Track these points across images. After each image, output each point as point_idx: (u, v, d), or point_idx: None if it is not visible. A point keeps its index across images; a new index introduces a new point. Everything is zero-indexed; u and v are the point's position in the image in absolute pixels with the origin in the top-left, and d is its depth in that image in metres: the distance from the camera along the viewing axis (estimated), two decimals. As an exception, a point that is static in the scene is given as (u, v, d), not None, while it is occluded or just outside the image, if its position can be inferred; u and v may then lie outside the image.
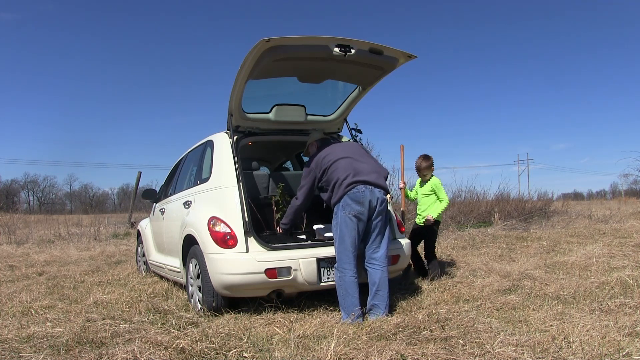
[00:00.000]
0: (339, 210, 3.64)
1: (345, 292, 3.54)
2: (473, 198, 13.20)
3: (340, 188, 3.64)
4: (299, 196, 3.96)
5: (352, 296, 3.54)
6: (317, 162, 3.89)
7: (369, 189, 3.64)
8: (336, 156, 3.82)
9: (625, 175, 24.67)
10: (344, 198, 3.62)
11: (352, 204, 3.59)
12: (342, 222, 3.60)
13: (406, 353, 2.67)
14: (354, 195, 3.61)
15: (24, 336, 3.23)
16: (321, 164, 3.85)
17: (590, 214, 13.65)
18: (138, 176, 15.35)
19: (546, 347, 2.73)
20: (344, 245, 3.58)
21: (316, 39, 3.69)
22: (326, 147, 4.02)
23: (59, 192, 71.37)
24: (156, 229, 5.78)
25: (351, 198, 3.61)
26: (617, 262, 5.36)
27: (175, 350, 2.84)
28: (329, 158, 3.83)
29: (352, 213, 3.58)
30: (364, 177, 3.67)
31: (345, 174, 3.68)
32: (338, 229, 3.62)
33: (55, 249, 9.70)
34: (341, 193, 3.63)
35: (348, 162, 3.78)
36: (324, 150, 3.97)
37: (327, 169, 3.80)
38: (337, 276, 3.61)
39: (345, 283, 3.55)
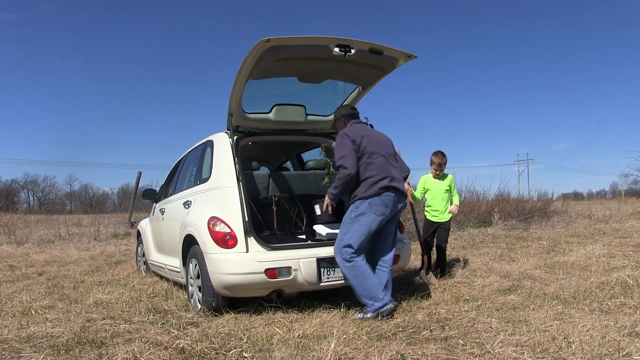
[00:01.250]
0: (364, 205, 3.66)
1: (363, 276, 3.56)
2: (473, 198, 13.21)
3: (374, 187, 3.66)
4: (347, 165, 3.69)
5: (371, 278, 3.58)
6: (354, 138, 3.77)
7: (397, 196, 3.76)
8: (373, 149, 3.79)
9: (625, 175, 24.64)
10: (375, 198, 3.66)
11: (381, 206, 3.66)
12: (365, 216, 3.64)
13: (406, 353, 2.67)
14: (385, 198, 3.68)
15: (24, 336, 3.23)
16: (360, 145, 3.76)
17: (590, 214, 13.65)
18: (138, 176, 15.37)
19: (546, 347, 2.73)
20: (360, 233, 3.61)
21: (316, 39, 3.69)
22: (359, 125, 3.97)
23: (59, 192, 71.47)
24: (156, 229, 5.78)
25: (382, 201, 3.67)
26: (617, 262, 5.36)
27: (175, 350, 2.84)
28: (367, 147, 3.77)
29: (377, 213, 3.64)
30: (396, 184, 3.76)
31: (381, 175, 3.70)
32: (358, 219, 3.64)
33: (55, 249, 9.70)
34: (373, 192, 3.66)
35: (384, 163, 3.78)
36: (359, 128, 3.90)
37: (362, 155, 3.77)
38: (348, 265, 3.58)
39: (359, 268, 3.57)
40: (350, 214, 3.70)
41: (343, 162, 3.72)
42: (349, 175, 3.69)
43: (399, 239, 4.28)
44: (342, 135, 3.81)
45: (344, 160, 3.71)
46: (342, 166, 3.71)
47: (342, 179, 3.71)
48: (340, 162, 3.73)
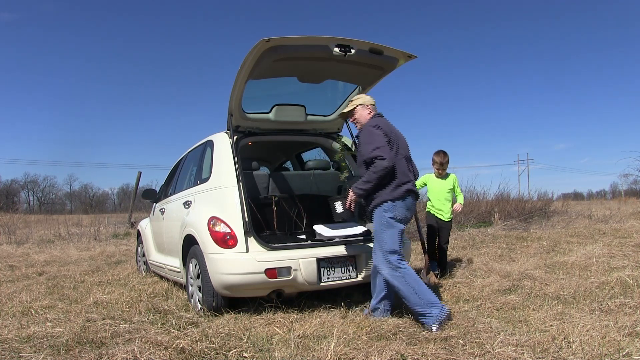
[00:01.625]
0: (391, 207, 3.46)
1: (415, 282, 3.34)
2: (473, 198, 13.21)
3: (399, 190, 3.47)
4: (385, 156, 3.39)
5: (422, 283, 3.38)
6: (386, 131, 3.54)
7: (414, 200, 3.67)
8: (399, 148, 3.60)
9: (625, 175, 24.65)
10: (399, 202, 3.48)
11: (404, 210, 3.52)
12: (394, 219, 3.47)
13: (406, 353, 2.67)
14: (408, 203, 3.55)
15: (24, 336, 3.23)
16: (390, 141, 3.54)
17: (590, 214, 13.64)
18: (138, 176, 15.37)
19: (546, 347, 2.74)
20: (397, 237, 3.44)
21: (316, 39, 3.69)
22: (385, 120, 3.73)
23: (59, 192, 71.47)
24: (156, 229, 5.78)
25: (405, 205, 3.53)
26: (617, 262, 5.36)
27: (175, 350, 2.84)
28: (395, 145, 3.57)
29: (401, 216, 3.50)
30: (415, 189, 3.67)
31: (406, 179, 3.55)
32: (390, 223, 3.45)
33: (55, 249, 9.70)
34: (397, 195, 3.46)
35: (406, 165, 3.63)
36: (386, 123, 3.66)
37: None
38: (398, 274, 3.36)
39: (410, 274, 3.38)
40: (380, 219, 3.48)
41: (380, 152, 3.40)
42: (387, 168, 3.40)
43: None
44: (374, 126, 3.54)
45: (381, 151, 3.41)
46: (379, 157, 3.39)
47: (378, 172, 3.39)
48: (377, 152, 3.40)
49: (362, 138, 3.58)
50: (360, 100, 3.78)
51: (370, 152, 3.44)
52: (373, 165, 3.41)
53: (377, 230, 3.49)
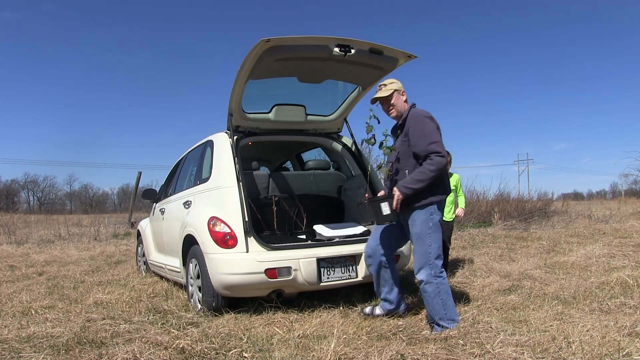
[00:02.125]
0: (434, 210, 3.24)
1: (447, 294, 3.21)
2: (473, 198, 13.22)
3: (445, 191, 3.31)
4: (444, 152, 3.13)
5: (452, 299, 3.26)
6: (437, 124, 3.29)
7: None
8: None
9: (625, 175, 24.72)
10: (441, 204, 3.32)
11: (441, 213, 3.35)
12: (438, 224, 3.26)
13: (406, 353, 2.67)
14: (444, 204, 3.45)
15: (24, 336, 3.23)
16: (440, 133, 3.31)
17: (590, 214, 13.65)
18: (138, 176, 15.38)
19: (546, 347, 2.73)
20: (440, 242, 3.27)
21: (316, 39, 3.69)
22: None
23: (59, 192, 71.45)
24: (156, 229, 5.78)
25: (443, 206, 3.40)
26: (617, 262, 5.36)
27: (175, 350, 2.84)
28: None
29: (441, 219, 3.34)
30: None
31: (448, 178, 3.41)
32: (437, 226, 3.25)
33: (55, 249, 9.70)
34: (443, 197, 3.29)
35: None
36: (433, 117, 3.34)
37: None
38: (436, 282, 3.20)
39: (446, 285, 3.24)
40: (427, 222, 3.22)
41: (439, 148, 3.10)
42: (445, 166, 3.14)
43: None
44: (429, 117, 3.26)
45: (439, 146, 3.11)
46: (438, 153, 3.08)
47: (435, 170, 3.08)
48: (435, 147, 3.09)
49: (414, 127, 3.23)
50: (395, 85, 3.43)
51: (426, 145, 3.11)
52: (429, 162, 3.09)
53: (421, 233, 3.23)
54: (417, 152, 3.18)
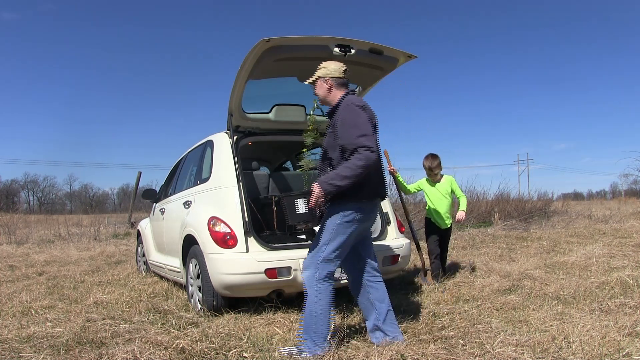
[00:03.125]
0: (355, 209, 2.84)
1: (323, 311, 2.78)
2: (473, 198, 13.21)
3: (372, 191, 2.93)
4: (373, 147, 2.73)
5: (329, 317, 2.83)
6: (371, 115, 2.92)
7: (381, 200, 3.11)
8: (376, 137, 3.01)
9: (625, 175, 24.71)
10: (367, 203, 2.91)
11: (370, 213, 2.97)
12: (355, 224, 2.86)
13: (406, 353, 2.67)
14: (373, 207, 3.01)
15: (24, 336, 3.23)
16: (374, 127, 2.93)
17: (590, 214, 13.66)
18: (138, 176, 15.38)
19: (546, 347, 2.73)
20: (345, 247, 2.88)
21: (316, 39, 3.69)
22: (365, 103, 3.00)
23: (59, 192, 71.44)
24: (156, 229, 5.78)
25: (372, 206, 2.99)
26: (617, 262, 5.36)
27: (175, 350, 2.84)
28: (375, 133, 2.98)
29: (364, 220, 2.94)
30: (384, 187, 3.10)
31: (380, 177, 3.03)
32: (346, 227, 2.84)
33: (55, 249, 9.70)
34: (365, 196, 2.87)
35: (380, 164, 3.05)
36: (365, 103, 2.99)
37: None
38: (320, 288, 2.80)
39: (328, 296, 2.80)
40: (335, 219, 2.84)
41: (368, 142, 2.72)
42: (375, 162, 2.75)
43: (399, 239, 4.29)
44: (361, 106, 2.88)
45: (369, 140, 2.73)
46: (367, 148, 2.70)
47: (364, 166, 2.69)
48: (364, 141, 2.71)
49: (344, 117, 2.84)
50: (320, 71, 3.06)
51: (355, 137, 2.73)
52: (357, 157, 2.70)
53: (325, 227, 2.87)
54: (344, 145, 2.77)
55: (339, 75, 3.03)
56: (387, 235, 4.26)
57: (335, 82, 3.02)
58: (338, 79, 3.02)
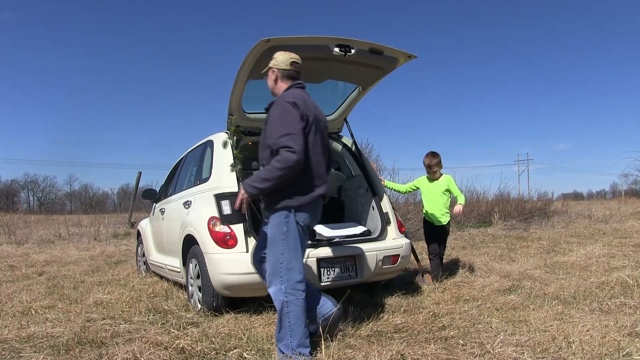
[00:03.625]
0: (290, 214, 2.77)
1: (297, 318, 2.70)
2: (473, 198, 13.21)
3: (308, 195, 2.80)
4: (295, 147, 2.62)
5: (305, 325, 2.74)
6: (304, 112, 2.77)
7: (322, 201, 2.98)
8: (319, 137, 2.87)
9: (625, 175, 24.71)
10: (306, 209, 2.81)
11: (310, 219, 2.88)
12: (298, 229, 2.79)
13: (406, 353, 2.67)
14: (316, 209, 2.91)
15: (24, 336, 3.23)
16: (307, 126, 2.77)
17: (590, 214, 13.64)
18: (138, 176, 15.37)
19: (546, 347, 2.74)
20: (300, 252, 2.80)
21: (316, 39, 3.69)
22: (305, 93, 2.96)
23: (59, 192, 71.43)
24: (156, 229, 5.78)
25: (313, 211, 2.87)
26: (617, 262, 5.36)
27: (175, 350, 2.84)
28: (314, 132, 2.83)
29: (306, 224, 2.85)
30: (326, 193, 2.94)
31: (320, 180, 2.86)
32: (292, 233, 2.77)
33: (55, 249, 9.70)
34: (304, 201, 2.78)
35: (324, 162, 2.93)
36: (307, 98, 2.90)
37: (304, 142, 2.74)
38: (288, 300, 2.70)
39: (297, 306, 2.71)
40: (281, 226, 2.76)
41: (290, 142, 2.61)
42: (295, 166, 2.62)
43: (399, 239, 4.28)
44: (290, 102, 2.74)
45: (292, 140, 2.62)
46: (288, 148, 2.61)
47: (283, 168, 2.60)
48: (287, 140, 2.61)
49: (274, 115, 2.76)
50: (272, 61, 2.99)
51: (278, 137, 2.65)
52: (276, 158, 2.63)
53: (273, 238, 2.80)
54: (269, 144, 2.73)
55: (285, 67, 2.95)
56: (387, 235, 4.26)
57: (280, 74, 2.96)
58: (284, 71, 2.95)
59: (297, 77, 2.99)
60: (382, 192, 4.54)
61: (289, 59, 2.96)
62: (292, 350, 2.67)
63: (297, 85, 2.95)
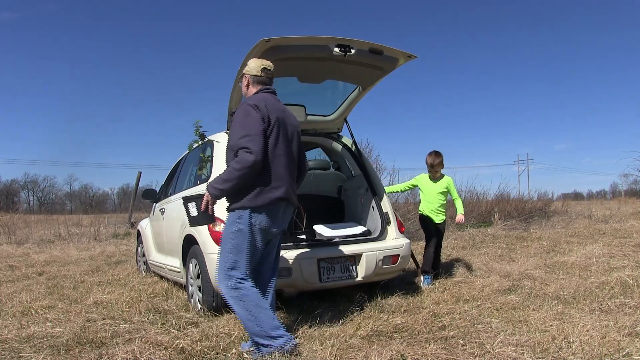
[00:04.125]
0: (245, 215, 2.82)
1: (257, 306, 2.71)
2: (473, 198, 13.20)
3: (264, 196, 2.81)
4: (253, 148, 2.70)
5: (266, 309, 2.75)
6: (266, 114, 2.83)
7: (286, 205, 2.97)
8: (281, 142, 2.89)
9: (625, 175, 24.67)
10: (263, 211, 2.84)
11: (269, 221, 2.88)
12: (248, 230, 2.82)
13: (406, 353, 2.67)
14: (275, 212, 2.90)
15: (24, 336, 3.23)
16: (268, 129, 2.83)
17: (590, 214, 13.64)
18: (138, 176, 15.36)
19: (546, 347, 2.74)
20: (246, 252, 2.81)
21: (316, 39, 3.69)
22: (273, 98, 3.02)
23: (59, 192, 71.40)
24: (156, 229, 5.78)
25: (271, 215, 2.88)
26: (617, 262, 5.36)
27: (175, 350, 2.84)
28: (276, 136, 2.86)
29: (261, 227, 2.86)
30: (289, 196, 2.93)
31: (278, 182, 2.86)
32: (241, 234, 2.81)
33: (55, 249, 9.70)
34: (260, 203, 2.81)
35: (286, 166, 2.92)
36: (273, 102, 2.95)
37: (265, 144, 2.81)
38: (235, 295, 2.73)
39: (250, 296, 2.73)
40: (232, 226, 2.83)
41: (249, 143, 2.70)
42: (253, 166, 2.69)
43: (399, 239, 4.28)
44: (251, 105, 2.83)
45: (250, 141, 2.70)
46: (245, 149, 2.69)
47: (242, 169, 2.68)
48: (245, 142, 2.70)
49: (236, 117, 2.86)
50: (245, 67, 3.09)
51: (237, 138, 2.75)
52: (235, 159, 2.72)
53: (224, 237, 2.86)
54: (231, 146, 2.83)
55: (255, 73, 3.05)
56: (387, 235, 4.26)
57: (252, 80, 3.06)
58: (255, 77, 3.06)
59: (268, 83, 3.09)
60: (382, 192, 4.54)
61: (260, 66, 3.07)
62: (269, 338, 2.67)
63: (265, 90, 3.04)
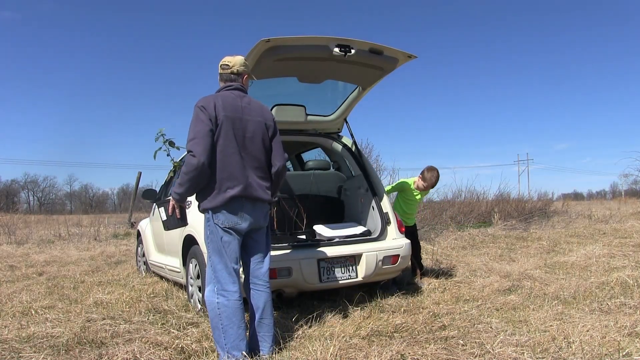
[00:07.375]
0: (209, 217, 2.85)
1: (230, 322, 2.71)
2: (473, 198, 13.21)
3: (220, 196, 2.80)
4: (196, 151, 2.72)
5: (238, 327, 2.73)
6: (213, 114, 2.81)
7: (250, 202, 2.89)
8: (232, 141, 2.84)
9: (625, 175, 24.65)
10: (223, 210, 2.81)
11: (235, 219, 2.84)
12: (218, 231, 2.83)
13: (406, 353, 2.67)
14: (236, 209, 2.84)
15: (24, 336, 3.23)
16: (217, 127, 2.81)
17: (590, 214, 13.65)
18: (138, 176, 15.35)
19: (546, 347, 2.74)
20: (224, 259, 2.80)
21: (316, 39, 3.69)
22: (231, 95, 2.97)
23: (59, 192, 71.39)
24: (156, 229, 5.78)
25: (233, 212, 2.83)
26: (617, 262, 5.36)
27: (175, 350, 2.84)
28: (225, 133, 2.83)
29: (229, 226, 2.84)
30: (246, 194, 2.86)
31: (232, 182, 2.81)
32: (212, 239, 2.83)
33: (55, 249, 9.69)
34: (218, 203, 2.80)
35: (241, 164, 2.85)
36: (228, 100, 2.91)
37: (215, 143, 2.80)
38: (218, 301, 2.74)
39: (231, 307, 2.72)
40: (206, 229, 2.88)
41: (192, 146, 2.74)
42: (197, 168, 2.70)
43: (399, 239, 4.28)
44: (199, 107, 2.83)
45: (195, 144, 2.74)
46: (190, 152, 2.74)
47: (188, 172, 2.72)
48: (189, 145, 2.76)
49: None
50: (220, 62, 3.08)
51: (187, 141, 2.79)
52: (185, 163, 2.78)
53: (204, 240, 2.92)
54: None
55: (220, 71, 3.08)
56: (387, 235, 4.26)
57: (219, 77, 3.09)
58: (221, 74, 3.08)
59: (231, 80, 3.06)
60: (382, 192, 4.54)
61: (221, 63, 3.08)
62: (227, 353, 2.69)
63: (227, 88, 3.03)
